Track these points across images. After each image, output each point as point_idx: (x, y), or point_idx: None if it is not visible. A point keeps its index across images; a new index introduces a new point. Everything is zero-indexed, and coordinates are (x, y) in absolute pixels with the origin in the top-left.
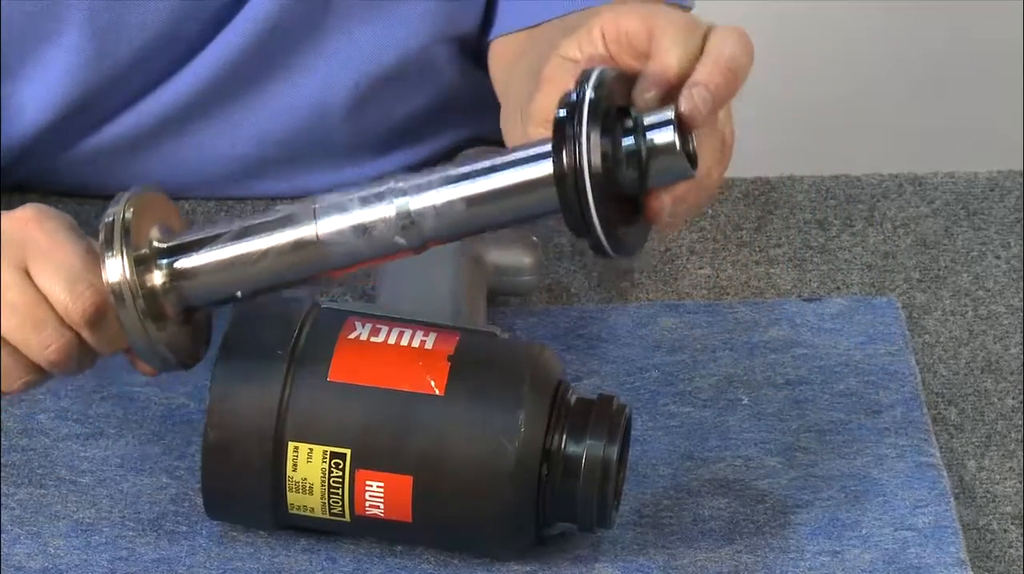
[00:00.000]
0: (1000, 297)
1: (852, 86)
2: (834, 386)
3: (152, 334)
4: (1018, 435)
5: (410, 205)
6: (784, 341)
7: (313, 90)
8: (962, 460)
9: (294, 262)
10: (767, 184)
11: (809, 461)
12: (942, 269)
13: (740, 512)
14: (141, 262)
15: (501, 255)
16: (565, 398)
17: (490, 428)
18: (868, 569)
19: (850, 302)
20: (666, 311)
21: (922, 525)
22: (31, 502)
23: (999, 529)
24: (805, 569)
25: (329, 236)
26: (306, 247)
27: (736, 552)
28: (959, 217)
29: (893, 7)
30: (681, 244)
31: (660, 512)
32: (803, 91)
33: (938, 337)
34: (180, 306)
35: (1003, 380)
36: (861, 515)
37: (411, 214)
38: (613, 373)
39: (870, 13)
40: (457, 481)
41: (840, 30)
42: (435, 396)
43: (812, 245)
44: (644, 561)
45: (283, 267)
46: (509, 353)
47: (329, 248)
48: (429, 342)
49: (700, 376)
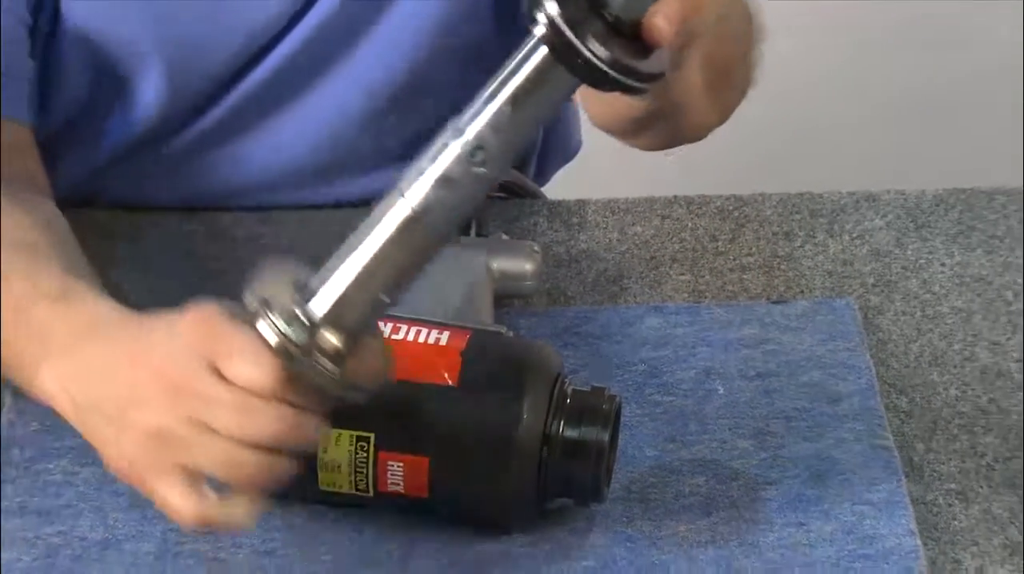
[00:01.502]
0: (945, 300)
1: (817, 114)
2: (799, 378)
3: (335, 373)
4: (960, 421)
5: (468, 135)
6: (755, 338)
7: (337, 99)
8: (912, 443)
9: (410, 245)
10: (740, 200)
11: (777, 444)
12: (893, 275)
13: (716, 489)
14: (292, 320)
15: (506, 263)
16: (563, 389)
17: (497, 415)
18: (829, 539)
19: (812, 304)
20: (651, 312)
21: (877, 500)
22: (93, 480)
23: (944, 503)
24: (774, 539)
25: (421, 203)
26: (410, 226)
27: (713, 524)
28: (908, 229)
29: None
30: (664, 254)
31: (646, 488)
32: (772, 118)
33: (890, 335)
34: (345, 337)
35: (947, 373)
36: (823, 491)
37: (474, 142)
38: (604, 367)
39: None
40: (468, 462)
41: (805, 64)
42: (449, 387)
43: (779, 254)
44: (632, 531)
45: (405, 255)
46: (513, 349)
47: (429, 217)
48: (443, 339)
49: (681, 369)
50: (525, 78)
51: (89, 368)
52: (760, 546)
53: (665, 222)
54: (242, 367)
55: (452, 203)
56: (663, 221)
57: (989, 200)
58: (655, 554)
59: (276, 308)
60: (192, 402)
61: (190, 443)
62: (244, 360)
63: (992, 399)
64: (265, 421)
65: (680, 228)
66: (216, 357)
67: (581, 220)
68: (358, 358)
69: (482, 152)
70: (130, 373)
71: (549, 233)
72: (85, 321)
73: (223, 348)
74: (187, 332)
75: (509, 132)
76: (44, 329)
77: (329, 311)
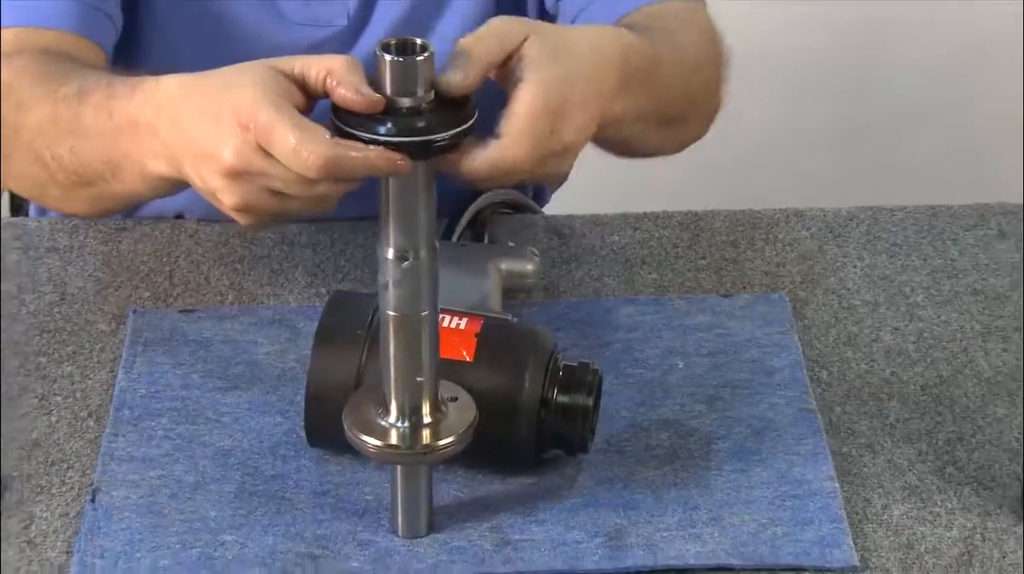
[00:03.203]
0: (856, 294)
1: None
2: (742, 355)
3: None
4: (869, 389)
5: (386, 254)
6: (708, 324)
7: None
8: (830, 406)
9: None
10: (695, 215)
11: (725, 407)
12: (816, 275)
13: (677, 442)
14: None
15: (511, 264)
16: (556, 363)
17: (505, 384)
18: (766, 482)
19: (753, 297)
20: (625, 303)
21: (803, 452)
22: (187, 435)
23: (856, 455)
24: (723, 482)
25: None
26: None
27: (675, 470)
28: (828, 238)
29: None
30: (636, 257)
31: (622, 442)
32: (722, 151)
33: (813, 321)
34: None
35: (858, 351)
36: (760, 445)
37: (394, 253)
38: (589, 346)
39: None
40: (482, 420)
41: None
42: (466, 362)
43: (727, 258)
44: (610, 475)
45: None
46: (518, 332)
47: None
48: (463, 325)
49: (649, 348)
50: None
51: (172, 131)
52: (712, 487)
53: (636, 232)
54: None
55: (412, 288)
56: (635, 232)
57: (891, 215)
58: (629, 494)
59: None
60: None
61: (259, 173)
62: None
63: (894, 372)
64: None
65: (648, 238)
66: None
67: (571, 231)
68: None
69: (405, 252)
70: (202, 123)
71: (545, 241)
72: (161, 95)
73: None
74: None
75: (410, 224)
76: (130, 120)
77: None
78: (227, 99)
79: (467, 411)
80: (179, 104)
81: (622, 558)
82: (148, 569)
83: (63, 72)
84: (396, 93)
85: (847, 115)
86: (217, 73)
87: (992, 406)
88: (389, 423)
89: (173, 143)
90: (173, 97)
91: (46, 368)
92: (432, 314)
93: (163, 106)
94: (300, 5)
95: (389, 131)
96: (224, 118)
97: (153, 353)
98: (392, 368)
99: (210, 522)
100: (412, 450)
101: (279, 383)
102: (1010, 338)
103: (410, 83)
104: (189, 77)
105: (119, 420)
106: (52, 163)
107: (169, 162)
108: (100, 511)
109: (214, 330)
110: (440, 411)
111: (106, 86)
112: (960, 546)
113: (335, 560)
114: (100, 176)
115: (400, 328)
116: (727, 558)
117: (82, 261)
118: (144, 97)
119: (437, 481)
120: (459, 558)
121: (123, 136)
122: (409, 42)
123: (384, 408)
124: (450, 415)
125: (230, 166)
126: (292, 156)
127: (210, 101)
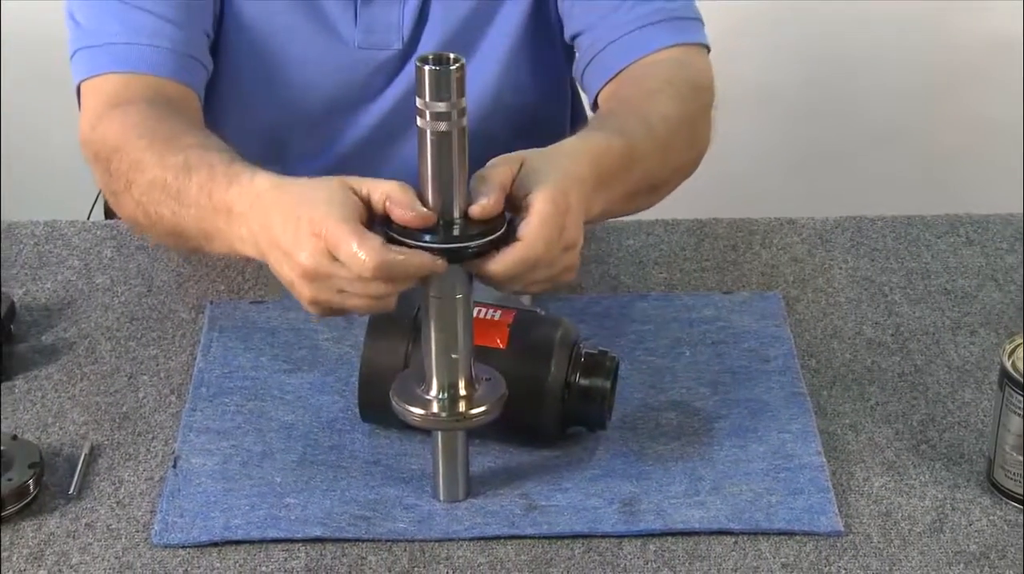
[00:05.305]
0: (842, 293)
1: (752, 166)
2: (741, 345)
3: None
4: (852, 376)
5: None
6: (711, 318)
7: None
8: (819, 391)
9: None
10: (701, 222)
11: (726, 390)
12: (806, 275)
13: (684, 421)
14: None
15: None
16: (578, 351)
17: (534, 369)
18: (761, 456)
19: (751, 295)
20: (639, 299)
21: (795, 430)
22: (255, 410)
23: (841, 434)
24: (723, 456)
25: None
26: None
27: (682, 446)
28: (817, 244)
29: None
30: (648, 259)
31: (635, 420)
32: (723, 169)
33: (804, 316)
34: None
35: (843, 342)
36: (757, 423)
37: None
38: (607, 336)
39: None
40: (512, 399)
41: (743, 133)
42: (500, 349)
43: (728, 260)
44: (625, 450)
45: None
46: (545, 323)
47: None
48: (497, 316)
49: (659, 338)
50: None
51: (260, 226)
52: (714, 460)
53: (649, 237)
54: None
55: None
56: (647, 236)
57: (872, 224)
58: (641, 466)
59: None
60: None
61: (327, 275)
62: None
63: (874, 361)
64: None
65: (659, 242)
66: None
67: (591, 236)
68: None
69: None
70: (284, 225)
71: None
72: (253, 193)
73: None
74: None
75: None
76: (227, 205)
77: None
78: (305, 210)
79: (498, 387)
80: (268, 205)
81: (635, 522)
82: (222, 527)
83: (172, 135)
84: (433, 98)
85: (834, 136)
86: (300, 182)
87: (961, 392)
88: (431, 396)
89: (260, 237)
90: (263, 197)
91: (135, 351)
92: (466, 298)
93: (255, 204)
94: (361, 32)
95: (432, 239)
96: (302, 226)
97: (227, 339)
98: (432, 344)
99: (276, 487)
100: (449, 417)
101: (336, 366)
102: (977, 332)
103: (444, 89)
104: (278, 180)
105: (197, 397)
106: (154, 217)
107: (255, 248)
108: (180, 476)
109: (280, 319)
110: (474, 387)
111: (207, 168)
112: (932, 514)
113: (384, 521)
114: (193, 238)
115: (438, 309)
116: (727, 523)
117: (167, 258)
118: (240, 191)
119: (473, 454)
120: (492, 521)
121: (219, 217)
122: (444, 56)
123: (426, 384)
124: (483, 390)
125: (304, 268)
126: (352, 259)
127: (292, 208)
